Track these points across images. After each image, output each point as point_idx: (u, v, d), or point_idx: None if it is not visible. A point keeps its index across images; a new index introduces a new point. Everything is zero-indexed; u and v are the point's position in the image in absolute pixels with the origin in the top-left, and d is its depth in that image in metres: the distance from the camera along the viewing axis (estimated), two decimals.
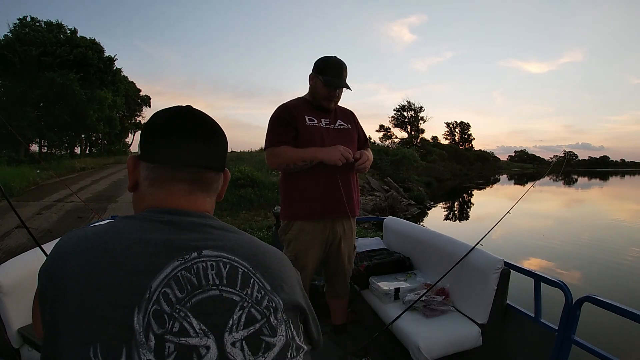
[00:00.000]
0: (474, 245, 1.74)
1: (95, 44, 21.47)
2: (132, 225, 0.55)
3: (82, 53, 19.91)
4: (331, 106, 1.75)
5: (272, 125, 1.72)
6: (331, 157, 1.59)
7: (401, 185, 16.45)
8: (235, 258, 0.55)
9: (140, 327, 0.46)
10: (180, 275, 0.50)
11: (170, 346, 0.46)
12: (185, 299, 0.49)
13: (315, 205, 1.68)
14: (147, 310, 0.47)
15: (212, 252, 0.54)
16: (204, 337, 0.48)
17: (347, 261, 1.85)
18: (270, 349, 0.52)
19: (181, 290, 0.49)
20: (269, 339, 0.52)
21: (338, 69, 1.69)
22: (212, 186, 0.64)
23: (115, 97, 23.38)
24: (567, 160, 20.72)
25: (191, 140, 0.61)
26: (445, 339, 1.56)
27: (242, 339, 0.50)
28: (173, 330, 0.47)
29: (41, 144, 21.80)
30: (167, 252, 0.51)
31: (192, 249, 0.53)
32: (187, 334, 0.47)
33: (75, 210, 7.61)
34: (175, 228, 0.55)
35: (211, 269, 0.52)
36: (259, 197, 10.29)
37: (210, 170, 0.63)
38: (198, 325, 0.48)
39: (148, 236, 0.53)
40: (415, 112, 45.21)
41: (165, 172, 0.60)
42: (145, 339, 0.45)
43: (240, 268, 0.54)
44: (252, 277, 0.55)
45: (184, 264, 0.51)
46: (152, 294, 0.48)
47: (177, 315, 0.48)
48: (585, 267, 6.54)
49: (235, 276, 0.53)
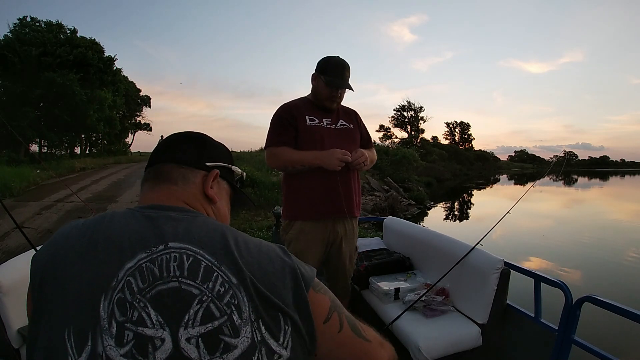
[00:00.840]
0: (474, 245, 1.74)
1: (95, 44, 21.45)
2: (119, 217, 0.58)
3: (82, 53, 19.90)
4: (333, 106, 1.75)
5: (273, 125, 1.72)
6: (329, 163, 1.59)
7: (401, 185, 16.46)
8: (200, 251, 0.54)
9: (105, 314, 0.48)
10: (145, 267, 0.51)
11: (129, 334, 0.48)
12: (146, 290, 0.50)
13: (316, 205, 1.68)
14: (112, 298, 0.49)
15: (178, 244, 0.54)
16: (159, 329, 0.48)
17: (348, 262, 1.85)
18: (230, 350, 0.49)
19: (143, 281, 0.50)
20: (229, 339, 0.49)
21: (340, 70, 1.69)
22: (172, 175, 0.67)
23: (115, 97, 23.38)
24: (567, 160, 20.69)
25: (157, 149, 0.72)
26: (445, 339, 1.56)
27: (198, 335, 0.49)
28: (132, 319, 0.48)
29: (41, 144, 21.80)
30: (136, 244, 0.54)
31: (160, 241, 0.54)
32: (144, 324, 0.48)
33: (75, 211, 7.61)
34: (149, 221, 0.57)
35: (173, 261, 0.52)
36: (259, 197, 10.28)
37: (165, 163, 0.68)
38: (155, 316, 0.49)
39: (126, 229, 0.55)
40: (415, 112, 45.24)
41: (143, 178, 0.70)
42: (108, 325, 0.48)
43: (204, 261, 0.53)
44: (216, 271, 0.53)
45: (149, 256, 0.52)
46: (119, 282, 0.50)
47: (137, 304, 0.49)
48: (585, 267, 6.54)
49: (197, 269, 0.52)
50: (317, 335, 0.57)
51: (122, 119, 28.51)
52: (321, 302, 0.60)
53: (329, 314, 0.60)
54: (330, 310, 0.61)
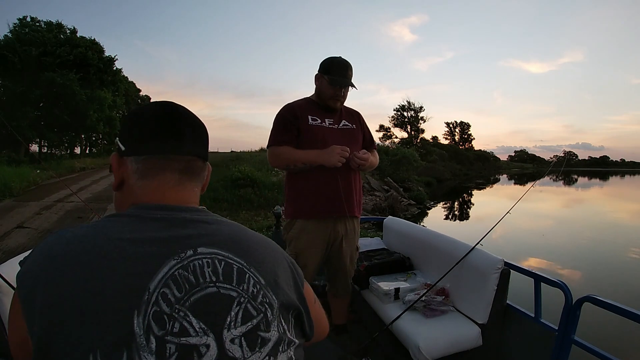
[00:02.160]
0: (474, 245, 1.74)
1: (95, 44, 21.46)
2: (123, 225, 0.53)
3: (82, 53, 19.90)
4: (337, 106, 1.76)
5: (276, 125, 1.73)
6: (329, 160, 1.61)
7: (401, 185, 16.46)
8: (230, 255, 0.55)
9: (141, 330, 0.45)
10: (178, 274, 0.50)
11: (172, 347, 0.46)
12: (184, 298, 0.49)
13: (317, 204, 1.69)
14: (147, 313, 0.46)
15: (207, 249, 0.54)
16: (203, 335, 0.48)
17: (349, 261, 1.85)
18: (266, 343, 0.52)
19: (179, 290, 0.49)
20: (265, 334, 0.53)
21: (343, 69, 1.70)
22: (199, 176, 0.65)
23: (115, 97, 23.38)
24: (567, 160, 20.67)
25: (180, 130, 0.61)
26: (445, 339, 1.56)
27: (240, 335, 0.50)
28: (173, 330, 0.46)
29: (41, 144, 21.82)
30: (162, 251, 0.51)
31: (187, 246, 0.53)
32: (188, 334, 0.47)
33: (75, 210, 7.61)
34: (168, 225, 0.55)
35: (207, 267, 0.52)
36: (259, 197, 10.29)
37: (199, 159, 0.64)
38: (198, 324, 0.48)
39: (141, 235, 0.52)
40: (415, 112, 45.17)
41: (158, 162, 0.60)
42: (146, 342, 0.45)
43: (235, 264, 0.54)
44: (247, 272, 0.55)
45: (180, 263, 0.51)
46: (151, 295, 0.47)
47: (177, 315, 0.47)
48: (585, 267, 6.53)
49: (231, 272, 0.53)
50: (313, 320, 0.64)
51: (122, 118, 28.48)
52: (308, 290, 0.67)
53: (313, 296, 0.70)
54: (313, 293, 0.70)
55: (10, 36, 18.82)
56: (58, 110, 18.78)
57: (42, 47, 18.82)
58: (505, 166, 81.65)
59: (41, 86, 17.86)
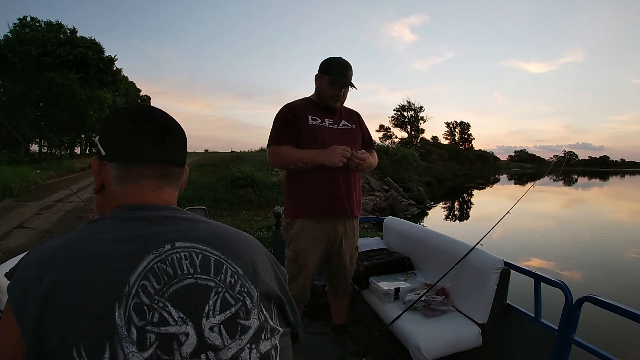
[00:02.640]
0: (474, 245, 1.74)
1: (95, 44, 21.44)
2: (105, 226, 0.56)
3: (82, 53, 19.88)
4: (337, 106, 1.76)
5: (276, 124, 1.74)
6: (331, 160, 1.61)
7: (401, 185, 16.46)
8: (207, 248, 0.57)
9: (122, 322, 0.47)
10: (157, 267, 0.52)
11: (152, 336, 0.48)
12: (163, 290, 0.51)
13: (317, 204, 1.69)
14: (127, 305, 0.48)
15: (185, 243, 0.56)
16: (182, 324, 0.50)
17: (349, 261, 1.85)
18: (246, 331, 0.54)
19: (158, 282, 0.51)
20: (244, 321, 0.54)
21: (343, 69, 1.70)
22: (178, 181, 0.68)
23: (115, 97, 23.35)
24: (567, 160, 20.57)
25: (157, 138, 0.63)
26: (445, 339, 1.56)
27: (219, 323, 0.52)
28: (153, 320, 0.49)
29: (41, 144, 21.81)
30: (141, 247, 0.53)
31: (165, 241, 0.55)
32: (167, 323, 0.49)
33: (75, 210, 7.61)
34: (146, 223, 0.57)
35: (185, 259, 0.54)
36: (259, 197, 10.29)
37: (176, 166, 0.66)
38: (177, 313, 0.50)
39: (122, 234, 0.54)
40: (415, 112, 45.17)
41: (137, 170, 0.62)
42: (127, 332, 0.47)
43: (212, 256, 0.56)
44: (225, 264, 0.57)
45: (158, 257, 0.53)
46: (131, 288, 0.50)
47: (156, 306, 0.50)
48: (585, 267, 6.54)
49: (208, 264, 0.55)
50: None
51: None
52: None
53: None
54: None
55: (10, 36, 18.81)
56: (58, 110, 18.77)
57: (42, 47, 18.81)
58: (505, 166, 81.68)
59: (41, 86, 17.84)
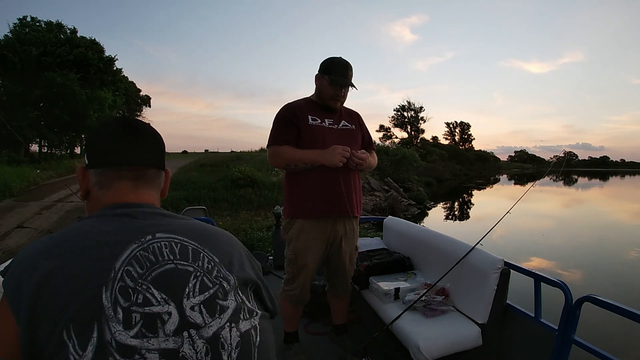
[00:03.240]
0: (474, 245, 1.74)
1: (95, 44, 21.43)
2: (91, 223, 0.61)
3: (82, 53, 19.87)
4: (337, 106, 1.76)
5: (276, 124, 1.73)
6: (331, 160, 1.61)
7: (401, 185, 16.46)
8: (185, 238, 0.62)
9: (109, 303, 0.51)
10: (139, 255, 0.57)
11: (137, 316, 0.51)
12: (146, 274, 0.55)
13: (316, 204, 1.69)
14: (113, 287, 0.52)
15: (164, 234, 0.61)
16: (165, 304, 0.54)
17: (349, 261, 1.85)
18: (225, 311, 0.58)
19: (141, 267, 0.55)
20: (222, 302, 0.58)
21: (343, 69, 1.70)
22: (154, 182, 0.72)
23: (115, 97, 23.34)
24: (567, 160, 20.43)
25: (132, 143, 0.69)
26: (445, 339, 1.56)
27: (199, 303, 0.56)
28: (137, 301, 0.52)
29: (41, 144, 21.79)
30: (125, 238, 0.58)
31: (146, 233, 0.60)
32: (151, 304, 0.53)
33: (75, 210, 7.61)
34: (129, 217, 0.63)
35: (165, 247, 0.59)
36: (259, 197, 10.29)
37: (151, 167, 0.71)
38: (159, 295, 0.54)
39: (107, 228, 0.60)
40: (415, 112, 45.20)
41: (111, 173, 0.68)
42: (114, 313, 0.51)
43: (190, 246, 0.61)
44: (202, 252, 0.62)
45: (141, 246, 0.58)
46: (117, 273, 0.54)
47: (140, 288, 0.53)
48: (585, 267, 6.54)
49: (187, 252, 0.60)
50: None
51: None
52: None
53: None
54: None
55: (10, 36, 18.79)
56: (58, 110, 18.76)
57: (42, 47, 18.79)
58: (505, 166, 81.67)
59: (41, 86, 17.83)
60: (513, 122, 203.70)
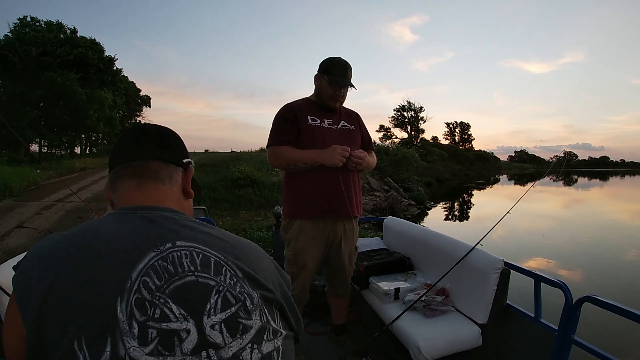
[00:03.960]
0: (474, 245, 1.74)
1: (95, 44, 21.44)
2: (109, 223, 0.58)
3: (82, 53, 19.89)
4: (336, 106, 1.77)
5: (275, 124, 1.74)
6: (331, 160, 1.61)
7: (401, 185, 16.46)
8: (207, 248, 0.58)
9: (124, 316, 0.48)
10: (158, 265, 0.53)
11: (153, 332, 0.48)
12: (164, 286, 0.51)
13: (316, 204, 1.69)
14: (129, 299, 0.49)
15: (185, 242, 0.57)
16: (184, 321, 0.50)
17: (348, 261, 1.85)
18: (248, 330, 0.54)
19: (159, 278, 0.51)
20: (246, 321, 0.54)
21: (343, 69, 1.70)
22: (160, 174, 0.67)
23: (115, 97, 23.35)
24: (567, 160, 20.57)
25: (133, 143, 0.68)
26: (445, 339, 1.56)
27: (220, 321, 0.52)
28: (154, 316, 0.49)
29: (41, 144, 21.80)
30: (143, 244, 0.54)
31: (166, 240, 0.56)
32: (168, 319, 0.49)
33: (75, 210, 7.61)
34: (148, 222, 0.58)
35: (185, 257, 0.55)
36: (259, 197, 10.29)
37: (153, 160, 0.67)
38: (177, 310, 0.50)
39: (125, 231, 0.56)
40: (415, 112, 45.19)
41: (115, 174, 0.67)
42: (129, 327, 0.47)
43: (212, 257, 0.57)
44: (224, 265, 0.57)
45: (160, 254, 0.54)
46: (133, 283, 0.50)
47: (158, 301, 0.50)
48: (585, 267, 6.54)
49: (209, 264, 0.56)
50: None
51: (122, 119, 28.43)
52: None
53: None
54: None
55: (10, 36, 18.80)
56: (58, 110, 18.77)
57: (42, 47, 18.80)
58: (505, 166, 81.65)
59: (41, 86, 17.84)
60: (513, 122, 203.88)
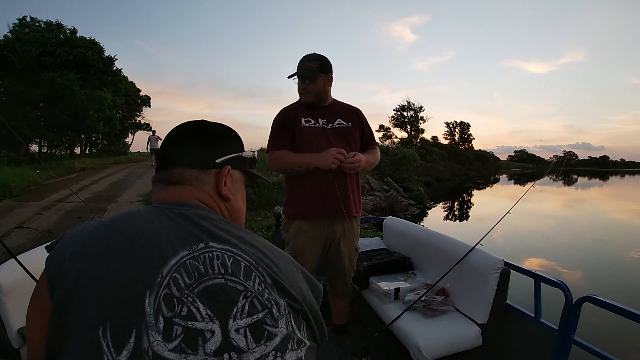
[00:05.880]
0: (474, 245, 1.74)
1: (95, 44, 21.43)
2: (148, 215, 0.59)
3: (82, 53, 19.87)
4: (308, 99, 1.76)
5: (273, 130, 1.77)
6: (324, 162, 1.62)
7: (401, 185, 16.45)
8: (239, 252, 0.58)
9: (151, 310, 0.49)
10: (189, 263, 0.53)
11: (178, 329, 0.48)
12: (193, 285, 0.52)
13: (312, 205, 1.71)
14: (158, 294, 0.50)
15: (218, 244, 0.57)
16: (209, 322, 0.50)
17: (348, 261, 1.85)
18: (272, 338, 0.53)
19: (189, 277, 0.52)
20: (271, 328, 0.54)
21: (301, 62, 1.73)
22: (184, 177, 0.67)
23: (115, 97, 23.34)
24: (567, 160, 20.66)
25: (166, 146, 0.71)
26: (445, 339, 1.56)
27: (245, 326, 0.52)
28: (181, 314, 0.49)
29: (41, 144, 21.77)
30: (177, 241, 0.55)
31: (199, 240, 0.57)
32: (194, 318, 0.50)
33: (75, 211, 7.60)
34: (184, 219, 0.60)
35: (217, 259, 0.55)
36: (259, 197, 10.28)
37: (174, 167, 0.68)
38: (204, 310, 0.51)
39: (160, 226, 0.57)
40: (415, 112, 45.17)
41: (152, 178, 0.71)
42: (155, 321, 0.48)
43: (243, 262, 0.57)
44: (254, 271, 0.57)
45: (192, 253, 0.55)
46: (164, 278, 0.51)
47: (186, 299, 0.51)
48: (585, 267, 6.53)
49: (239, 268, 0.56)
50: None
51: (122, 119, 28.38)
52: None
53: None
54: None
55: (10, 36, 18.78)
56: (58, 110, 18.75)
57: (42, 47, 18.78)
58: (505, 166, 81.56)
59: (41, 86, 17.82)
60: (513, 122, 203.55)
